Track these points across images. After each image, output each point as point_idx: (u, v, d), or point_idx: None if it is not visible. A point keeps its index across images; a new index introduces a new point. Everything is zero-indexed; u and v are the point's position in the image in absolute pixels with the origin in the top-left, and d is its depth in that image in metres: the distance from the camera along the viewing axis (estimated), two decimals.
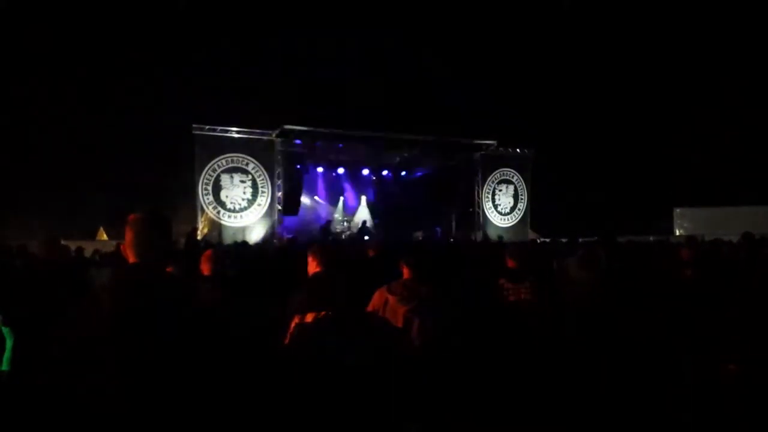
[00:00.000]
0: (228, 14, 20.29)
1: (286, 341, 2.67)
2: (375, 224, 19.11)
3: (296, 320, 2.70)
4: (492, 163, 18.27)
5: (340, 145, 16.10)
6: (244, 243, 9.64)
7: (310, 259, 3.10)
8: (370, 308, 2.80)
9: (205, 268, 3.19)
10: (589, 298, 2.85)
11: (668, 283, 3.85)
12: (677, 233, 19.19)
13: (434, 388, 2.08)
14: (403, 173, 19.79)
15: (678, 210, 20.91)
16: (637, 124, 21.91)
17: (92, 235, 16.19)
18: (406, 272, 2.98)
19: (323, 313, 2.62)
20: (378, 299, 2.83)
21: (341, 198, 19.88)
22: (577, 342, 2.12)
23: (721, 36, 19.65)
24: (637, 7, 20.83)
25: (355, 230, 17.64)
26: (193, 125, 14.25)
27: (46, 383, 1.41)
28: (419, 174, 19.76)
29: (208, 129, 14.42)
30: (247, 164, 14.81)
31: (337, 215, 19.10)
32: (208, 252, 3.29)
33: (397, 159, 18.26)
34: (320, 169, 17.65)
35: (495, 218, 18.28)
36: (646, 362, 2.07)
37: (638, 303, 2.60)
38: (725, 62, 19.90)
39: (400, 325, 2.65)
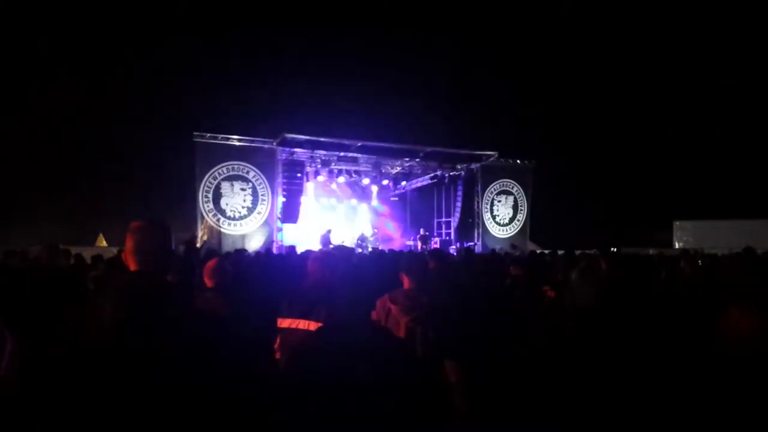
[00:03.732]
0: (230, 22, 20.42)
1: (276, 345, 2.66)
2: (374, 233, 19.10)
3: (279, 324, 2.68)
4: (492, 173, 18.32)
5: (341, 153, 16.13)
6: (244, 250, 9.62)
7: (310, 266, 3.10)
8: (373, 317, 2.78)
9: (210, 278, 3.18)
10: (589, 310, 2.85)
11: (668, 293, 3.84)
12: (677, 246, 19.17)
13: (439, 396, 2.06)
14: (404, 183, 19.82)
15: (678, 223, 20.90)
16: (638, 137, 21.98)
17: (92, 242, 16.16)
18: (406, 282, 2.97)
19: (312, 321, 2.60)
20: (380, 309, 2.82)
21: (341, 207, 19.90)
22: (579, 352, 2.11)
23: (723, 51, 19.77)
24: (637, 22, 20.97)
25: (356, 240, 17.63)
26: (194, 133, 14.28)
27: (45, 389, 1.39)
28: (419, 184, 19.80)
29: (209, 137, 14.45)
30: (247, 172, 14.83)
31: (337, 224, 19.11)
32: (213, 262, 3.28)
33: (398, 168, 18.30)
34: (321, 178, 17.66)
35: (494, 229, 18.29)
36: (647, 369, 2.06)
37: (640, 313, 2.60)
38: (727, 76, 20.00)
39: (402, 334, 2.64)
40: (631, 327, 2.28)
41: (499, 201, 18.50)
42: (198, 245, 12.54)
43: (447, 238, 18.84)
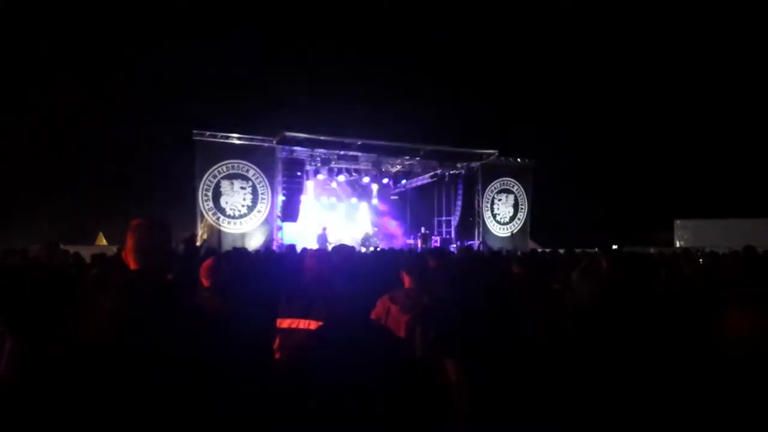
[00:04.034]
0: (230, 21, 20.39)
1: (276, 346, 2.65)
2: (375, 232, 19.11)
3: (279, 324, 2.68)
4: (492, 172, 18.29)
5: (341, 152, 16.12)
6: (242, 249, 9.61)
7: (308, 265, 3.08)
8: (373, 316, 2.78)
9: (206, 278, 3.17)
10: (590, 308, 2.85)
11: (668, 292, 3.83)
12: (678, 245, 19.16)
13: (439, 396, 2.07)
14: (404, 181, 19.81)
15: (678, 221, 20.86)
16: (639, 136, 21.95)
17: (92, 241, 16.17)
18: (407, 281, 2.96)
19: (312, 321, 2.59)
20: (380, 308, 2.82)
21: (341, 205, 19.90)
22: (579, 351, 2.11)
23: (723, 48, 19.74)
24: (638, 21, 20.93)
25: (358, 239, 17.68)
26: (194, 131, 14.27)
27: (46, 388, 1.39)
28: (420, 182, 19.80)
29: (209, 135, 14.43)
30: (247, 171, 14.81)
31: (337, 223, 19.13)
32: (209, 261, 3.27)
33: (398, 167, 18.30)
34: (321, 177, 17.65)
35: (494, 227, 18.27)
36: (648, 368, 2.06)
37: (640, 312, 2.60)
38: (727, 76, 19.97)
39: (402, 334, 2.63)
40: (631, 326, 2.28)
41: (500, 200, 18.48)
42: (198, 244, 12.54)
43: (447, 236, 18.84)
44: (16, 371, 2.21)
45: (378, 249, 14.33)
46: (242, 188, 14.79)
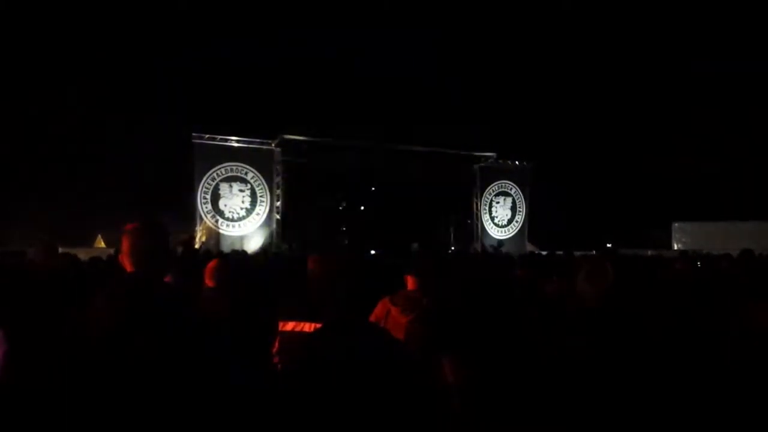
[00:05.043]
0: (229, 23, 20.41)
1: (275, 350, 2.64)
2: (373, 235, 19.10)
3: (282, 327, 2.67)
4: (490, 175, 18.32)
5: (340, 155, 16.15)
6: (241, 251, 9.64)
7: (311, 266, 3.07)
8: (372, 318, 2.77)
9: (210, 278, 3.17)
10: (596, 311, 2.83)
11: (669, 294, 3.84)
12: (675, 247, 19.14)
13: (438, 397, 2.05)
14: (402, 184, 19.82)
15: (676, 224, 20.81)
16: (636, 138, 21.98)
17: (90, 243, 16.13)
18: (410, 283, 2.94)
19: (319, 324, 2.58)
20: (380, 310, 2.81)
21: (340, 208, 19.90)
22: (582, 353, 2.10)
23: (722, 50, 19.80)
24: (638, 21, 20.99)
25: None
26: (193, 134, 14.27)
27: (45, 390, 1.38)
28: (418, 185, 19.80)
29: (208, 138, 14.43)
30: (246, 173, 14.81)
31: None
32: (214, 262, 3.27)
33: (396, 170, 18.32)
34: (319, 180, 17.68)
35: (492, 230, 18.28)
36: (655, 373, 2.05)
37: (644, 314, 2.60)
38: (726, 75, 20.02)
39: (402, 336, 2.62)
40: (635, 328, 2.27)
41: (498, 202, 18.49)
42: (196, 246, 12.51)
43: (446, 239, 18.85)
44: (12, 374, 2.20)
45: (378, 251, 14.31)
46: (241, 191, 14.79)
